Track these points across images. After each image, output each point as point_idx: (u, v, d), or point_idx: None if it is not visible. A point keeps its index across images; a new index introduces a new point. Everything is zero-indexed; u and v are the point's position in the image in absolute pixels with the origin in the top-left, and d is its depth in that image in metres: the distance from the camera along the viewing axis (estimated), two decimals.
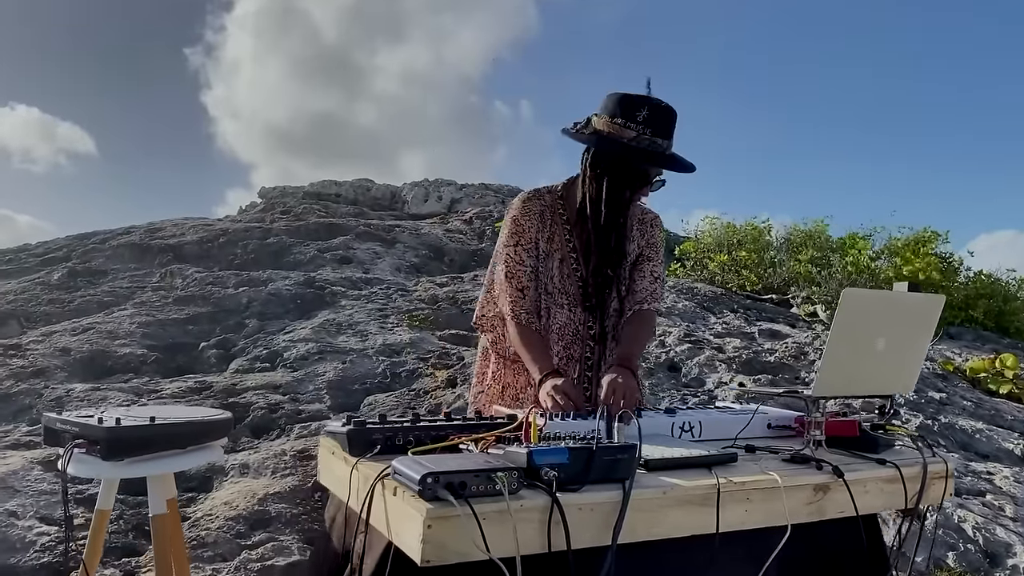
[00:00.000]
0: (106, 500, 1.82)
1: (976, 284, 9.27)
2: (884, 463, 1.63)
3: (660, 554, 1.38)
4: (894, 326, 1.55)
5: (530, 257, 2.04)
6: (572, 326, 2.06)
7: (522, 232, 2.05)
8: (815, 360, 5.95)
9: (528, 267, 2.04)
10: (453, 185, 13.97)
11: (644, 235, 2.16)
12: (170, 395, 4.49)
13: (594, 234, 2.01)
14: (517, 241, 2.05)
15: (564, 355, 2.05)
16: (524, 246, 2.04)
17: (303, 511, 3.19)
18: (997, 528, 3.19)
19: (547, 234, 2.06)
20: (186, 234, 9.19)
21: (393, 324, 6.16)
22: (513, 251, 2.04)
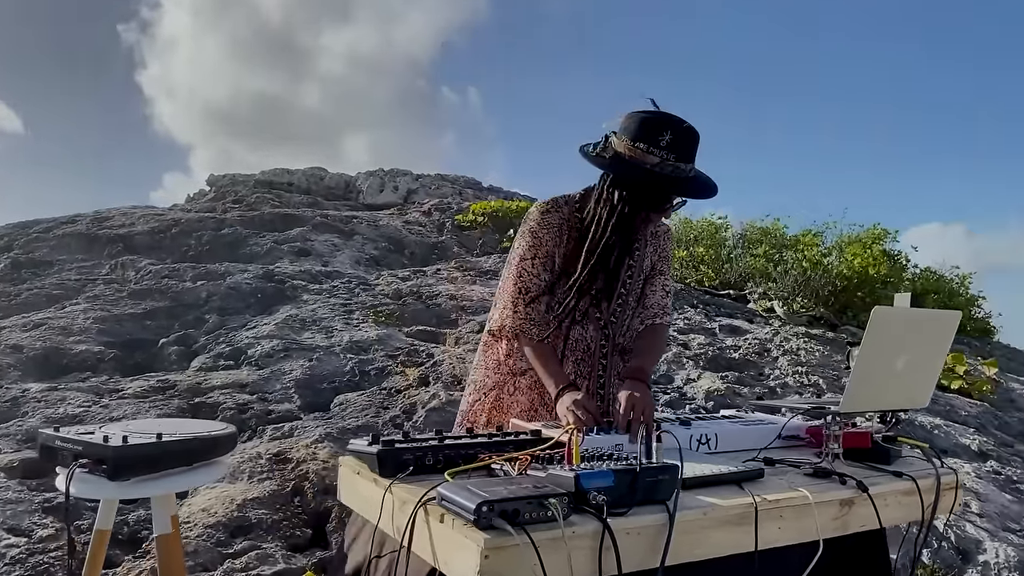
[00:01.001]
0: (106, 520, 1.74)
1: (922, 280, 9.58)
2: (900, 475, 1.66)
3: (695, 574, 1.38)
4: (915, 342, 1.57)
5: (546, 271, 2.01)
6: (584, 341, 2.04)
7: (540, 245, 2.01)
8: (777, 356, 6.07)
9: (544, 281, 2.00)
10: (409, 175, 13.84)
11: (658, 249, 2.16)
12: (132, 395, 4.35)
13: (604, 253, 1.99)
14: (535, 254, 2.01)
15: (575, 370, 2.03)
16: (541, 259, 2.01)
17: (284, 517, 3.12)
18: (967, 525, 3.29)
19: (564, 249, 2.02)
20: (136, 224, 8.90)
21: (358, 320, 6.07)
22: (530, 264, 2.01)
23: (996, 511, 3.66)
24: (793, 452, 1.83)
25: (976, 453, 4.57)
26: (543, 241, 2.01)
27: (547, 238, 2.01)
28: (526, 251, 2.02)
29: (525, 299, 1.99)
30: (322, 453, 3.59)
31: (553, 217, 2.03)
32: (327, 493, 3.30)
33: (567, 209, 2.05)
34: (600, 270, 2.01)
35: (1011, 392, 6.49)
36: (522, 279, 2.00)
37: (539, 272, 2.00)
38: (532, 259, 2.01)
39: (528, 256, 2.01)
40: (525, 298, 1.99)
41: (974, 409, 5.53)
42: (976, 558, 3.14)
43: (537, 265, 2.00)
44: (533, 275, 2.00)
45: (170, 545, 1.73)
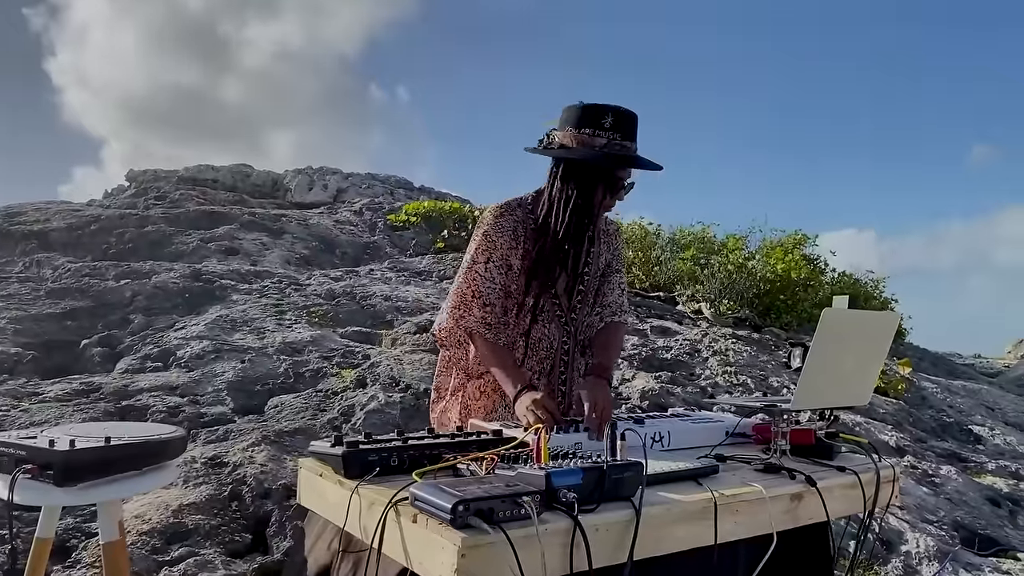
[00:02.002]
0: (47, 528, 1.67)
1: (840, 284, 9.98)
2: (844, 470, 1.73)
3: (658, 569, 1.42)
4: (859, 342, 1.65)
5: (500, 274, 2.02)
6: (546, 340, 2.06)
7: (494, 248, 2.02)
8: (708, 356, 6.24)
9: (498, 284, 2.01)
10: (339, 174, 13.64)
11: (611, 247, 2.20)
12: (54, 398, 4.16)
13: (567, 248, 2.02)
14: (488, 257, 2.01)
15: (538, 369, 2.05)
16: (495, 263, 2.01)
17: (222, 522, 3.04)
18: (889, 517, 3.46)
19: (520, 251, 2.03)
20: (51, 220, 8.52)
21: (291, 321, 5.96)
22: (484, 267, 2.01)
23: (915, 504, 3.85)
24: (741, 449, 1.89)
25: (894, 449, 4.80)
26: (497, 244, 2.02)
27: (501, 241, 2.02)
28: (479, 255, 2.03)
29: (479, 302, 2.00)
30: (260, 456, 3.51)
31: (507, 220, 2.04)
32: (266, 497, 3.23)
33: (520, 212, 2.07)
34: (561, 267, 2.04)
35: (923, 390, 6.83)
36: (475, 282, 2.01)
37: (493, 276, 2.01)
38: (486, 263, 2.01)
39: (481, 260, 2.02)
40: (479, 301, 2.00)
41: (890, 407, 5.80)
42: (899, 548, 3.30)
43: (491, 269, 2.01)
44: (487, 279, 2.01)
45: (117, 553, 1.67)
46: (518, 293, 2.03)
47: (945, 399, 6.87)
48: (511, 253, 2.03)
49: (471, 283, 2.02)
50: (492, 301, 2.01)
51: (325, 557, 1.48)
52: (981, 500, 4.24)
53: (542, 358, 2.07)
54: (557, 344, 2.07)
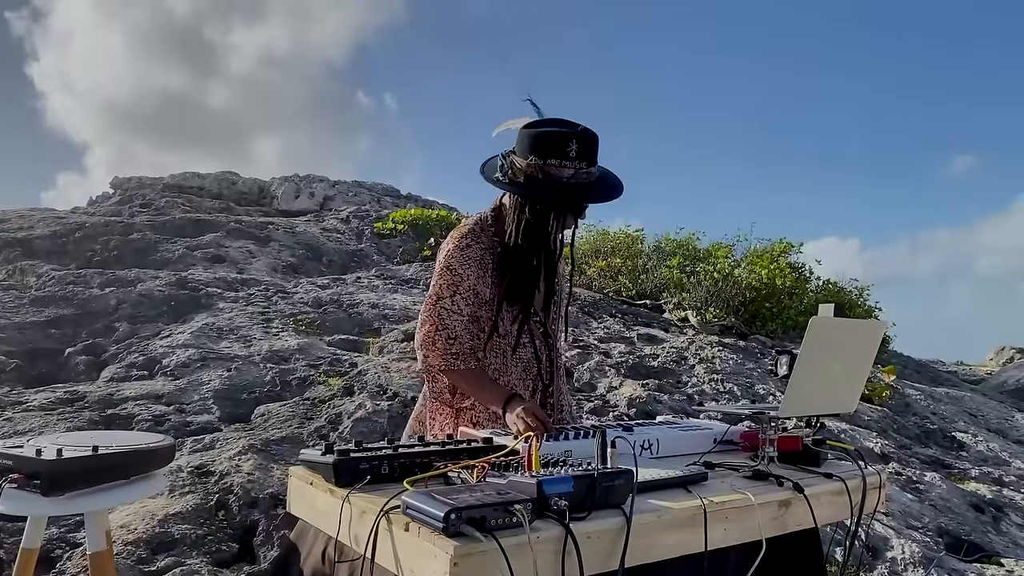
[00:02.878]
0: (34, 538, 1.66)
1: (825, 292, 10.05)
2: (831, 477, 1.75)
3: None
4: (846, 350, 1.67)
5: (468, 305, 1.98)
6: (534, 359, 2.07)
7: (460, 282, 1.97)
8: (694, 364, 6.26)
9: (465, 315, 1.98)
10: (325, 182, 13.62)
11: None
12: (38, 407, 4.13)
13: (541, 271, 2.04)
14: (454, 292, 1.97)
15: (530, 389, 2.06)
16: (463, 294, 1.98)
17: (208, 531, 3.02)
18: (875, 523, 3.48)
19: (488, 279, 2.00)
20: (35, 227, 8.45)
21: (278, 328, 5.93)
22: (450, 302, 1.97)
23: (900, 510, 3.88)
24: (729, 456, 1.91)
25: (879, 455, 4.83)
26: (464, 276, 1.97)
27: (468, 273, 1.98)
28: (443, 290, 1.98)
29: (443, 335, 1.97)
30: (246, 465, 3.50)
31: (474, 251, 1.99)
32: (253, 506, 3.21)
33: (485, 237, 2.03)
34: (536, 287, 2.05)
35: (907, 397, 6.89)
36: (440, 318, 1.97)
37: (460, 308, 1.97)
38: (451, 297, 1.97)
39: (446, 295, 1.97)
40: (442, 335, 1.97)
41: (875, 414, 5.84)
42: (884, 554, 3.32)
43: (458, 302, 1.97)
44: (453, 312, 1.97)
45: (104, 562, 1.66)
46: (490, 318, 2.00)
47: (929, 406, 6.93)
48: (479, 283, 1.99)
49: (435, 319, 1.98)
50: (458, 333, 1.98)
51: (317, 568, 1.47)
52: (965, 506, 4.27)
53: (533, 378, 2.08)
54: (543, 359, 2.09)
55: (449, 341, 1.97)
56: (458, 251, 1.98)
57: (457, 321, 1.97)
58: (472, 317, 2.00)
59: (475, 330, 2.02)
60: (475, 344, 2.02)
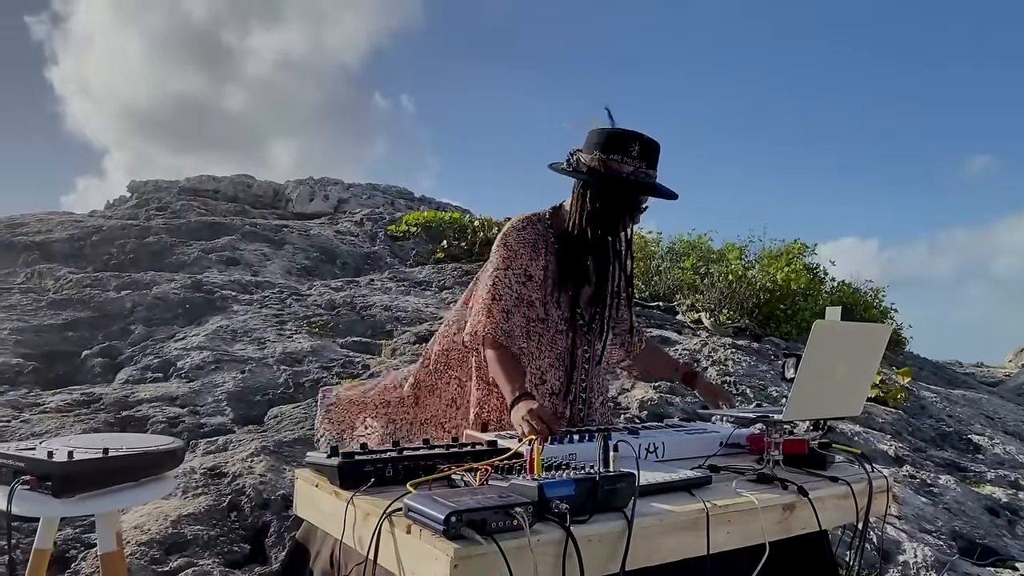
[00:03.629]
0: (46, 539, 1.68)
1: (840, 293, 9.99)
2: (836, 480, 1.75)
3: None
4: (851, 353, 1.67)
5: (519, 283, 2.08)
6: (569, 352, 2.11)
7: (514, 258, 2.09)
8: (707, 366, 6.24)
9: (515, 293, 2.07)
10: (340, 184, 13.69)
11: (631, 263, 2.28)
12: (55, 409, 4.18)
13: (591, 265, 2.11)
14: (508, 266, 2.08)
15: (564, 379, 2.10)
16: (515, 271, 2.08)
17: (221, 533, 3.05)
18: (887, 527, 3.46)
19: (541, 263, 2.10)
20: (54, 231, 8.55)
21: (291, 331, 5.97)
22: (503, 274, 2.08)
23: (913, 513, 3.85)
24: (735, 459, 1.91)
25: (893, 458, 4.80)
26: (519, 255, 2.09)
27: (523, 252, 2.09)
28: (500, 263, 2.09)
29: (498, 306, 2.05)
30: (259, 467, 3.52)
31: (529, 234, 2.11)
32: (265, 507, 3.24)
33: (541, 226, 2.14)
34: (585, 280, 2.09)
35: (922, 400, 6.83)
36: (496, 288, 2.07)
37: (512, 283, 2.07)
38: (506, 270, 2.08)
39: (503, 267, 2.08)
40: (497, 305, 2.05)
41: (889, 416, 5.80)
42: (896, 558, 3.30)
43: (511, 276, 2.07)
44: (507, 285, 2.07)
45: (115, 563, 1.68)
46: (540, 304, 2.09)
47: (945, 408, 6.87)
48: (531, 264, 2.09)
49: (491, 290, 2.08)
50: (509, 308, 2.07)
51: (326, 569, 1.49)
52: (980, 510, 4.24)
53: (567, 369, 2.12)
54: (579, 353, 2.12)
55: (503, 313, 2.05)
56: (514, 231, 2.12)
57: (509, 296, 2.07)
58: (523, 298, 2.09)
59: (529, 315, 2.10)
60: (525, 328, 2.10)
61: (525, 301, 2.09)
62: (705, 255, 9.99)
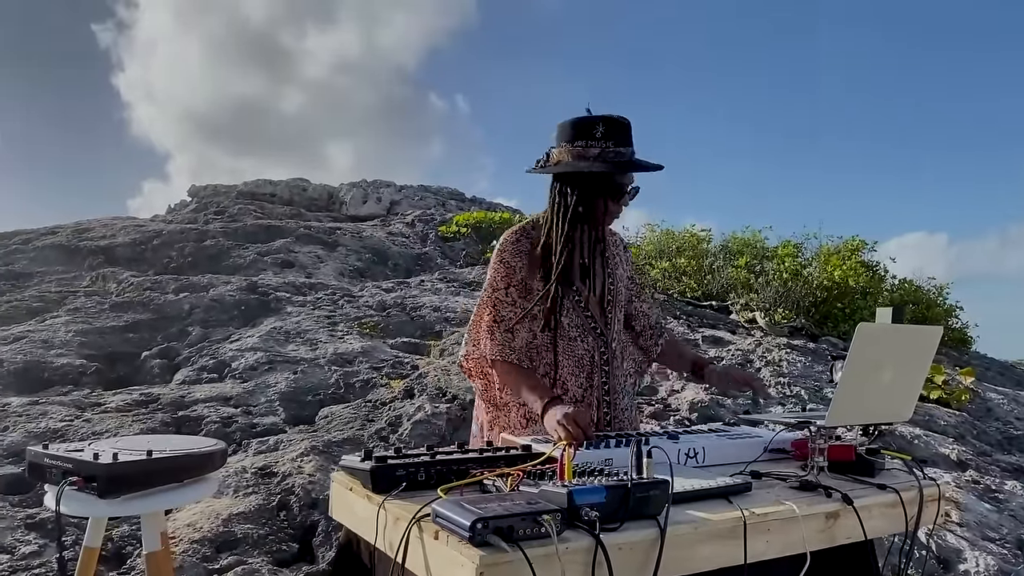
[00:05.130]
0: (94, 538, 1.73)
1: (901, 291, 9.69)
2: (884, 488, 1.69)
3: None
4: (898, 357, 1.60)
5: (521, 298, 2.01)
6: (588, 356, 2.06)
7: (512, 273, 2.02)
8: (760, 367, 6.12)
9: (519, 308, 2.01)
10: (392, 186, 13.83)
11: (628, 263, 2.23)
12: (115, 408, 4.31)
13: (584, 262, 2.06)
14: (508, 283, 2.02)
15: (586, 385, 2.05)
16: (515, 287, 2.01)
17: (270, 531, 3.11)
18: (947, 534, 3.34)
19: (538, 273, 2.03)
20: (117, 235, 8.84)
21: (343, 332, 6.06)
22: (504, 293, 2.01)
23: (976, 520, 3.71)
24: (779, 465, 1.85)
25: (955, 463, 4.63)
26: (515, 269, 2.02)
27: (519, 265, 2.02)
28: (499, 281, 2.03)
29: (499, 327, 1.99)
30: (308, 467, 3.58)
31: (523, 244, 2.05)
32: (313, 507, 3.29)
33: (535, 233, 2.07)
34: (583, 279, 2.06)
35: (988, 401, 6.58)
36: (496, 308, 2.01)
37: (514, 300, 2.01)
38: (505, 288, 2.01)
39: (501, 286, 2.02)
40: (499, 327, 1.99)
41: (953, 419, 5.60)
42: (957, 567, 3.18)
43: (512, 293, 2.01)
44: (508, 303, 2.01)
45: (160, 562, 1.73)
46: (544, 314, 2.01)
47: (1012, 410, 6.60)
48: (529, 276, 2.02)
49: (491, 309, 2.02)
50: (512, 326, 2.00)
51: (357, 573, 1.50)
52: None
53: (588, 374, 2.07)
54: (597, 356, 2.07)
55: (506, 333, 2.00)
56: (509, 244, 2.05)
57: (511, 313, 2.01)
58: (527, 313, 2.02)
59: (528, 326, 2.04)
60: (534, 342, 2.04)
61: (530, 315, 2.02)
62: (759, 253, 9.80)
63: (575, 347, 2.04)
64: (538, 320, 2.02)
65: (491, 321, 2.01)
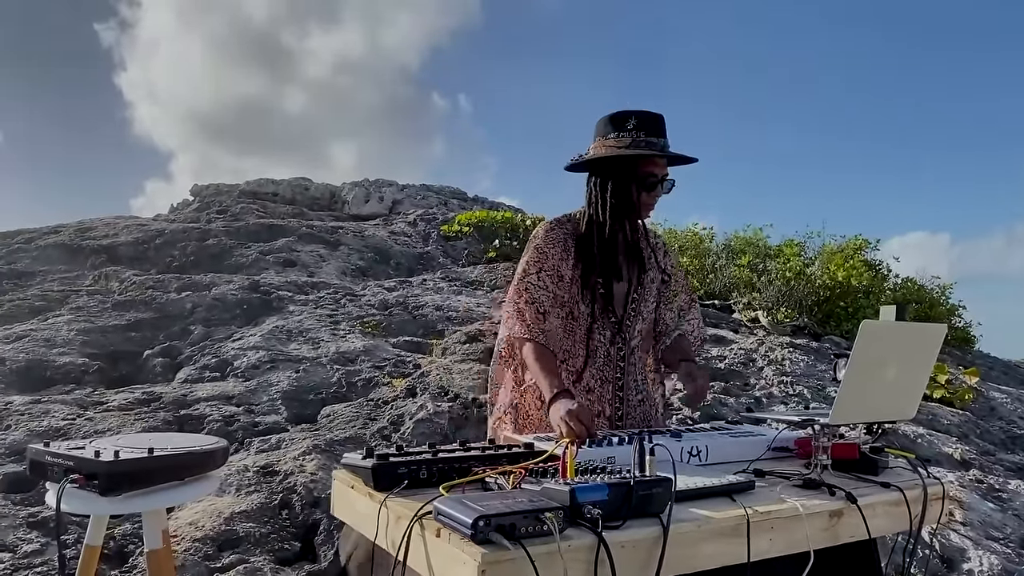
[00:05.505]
0: (96, 536, 1.73)
1: (903, 290, 9.67)
2: (888, 486, 1.68)
3: None
4: (902, 354, 1.60)
5: (552, 283, 2.07)
6: (604, 347, 2.09)
7: (545, 259, 2.08)
8: (763, 366, 6.11)
9: (551, 292, 2.06)
10: (394, 186, 13.83)
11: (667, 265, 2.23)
12: (117, 407, 4.31)
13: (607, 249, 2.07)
14: (540, 268, 2.07)
15: (598, 376, 2.08)
16: (547, 272, 2.07)
17: (272, 530, 3.10)
18: (951, 534, 3.33)
19: (571, 262, 2.09)
20: (119, 234, 8.84)
21: (345, 331, 6.05)
22: (536, 277, 2.07)
23: (979, 520, 3.70)
24: (782, 463, 1.85)
25: (959, 462, 4.62)
26: (548, 255, 2.07)
27: (552, 252, 2.08)
28: (531, 265, 2.08)
29: (531, 309, 2.04)
30: (310, 465, 3.58)
31: (557, 233, 2.11)
32: (315, 506, 3.28)
33: (570, 225, 2.13)
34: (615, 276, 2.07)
35: (992, 401, 6.56)
36: (528, 291, 2.06)
37: (546, 284, 2.06)
38: (537, 273, 2.07)
39: (533, 271, 2.07)
40: (531, 308, 2.04)
41: (956, 418, 5.58)
42: (961, 567, 3.17)
43: (543, 278, 2.06)
44: (540, 287, 2.05)
45: (161, 560, 1.72)
46: (572, 303, 2.07)
47: (1016, 410, 6.58)
48: (562, 264, 2.08)
49: (523, 292, 2.07)
50: (545, 308, 2.05)
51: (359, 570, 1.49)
52: None
53: (601, 366, 2.10)
54: (612, 351, 2.10)
55: (538, 315, 2.03)
56: (544, 232, 2.12)
57: (543, 296, 2.05)
58: (557, 298, 2.08)
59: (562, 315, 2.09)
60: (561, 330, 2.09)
61: (559, 301, 2.07)
62: (762, 252, 9.79)
63: (593, 337, 2.07)
64: (565, 307, 2.07)
65: (523, 303, 2.05)
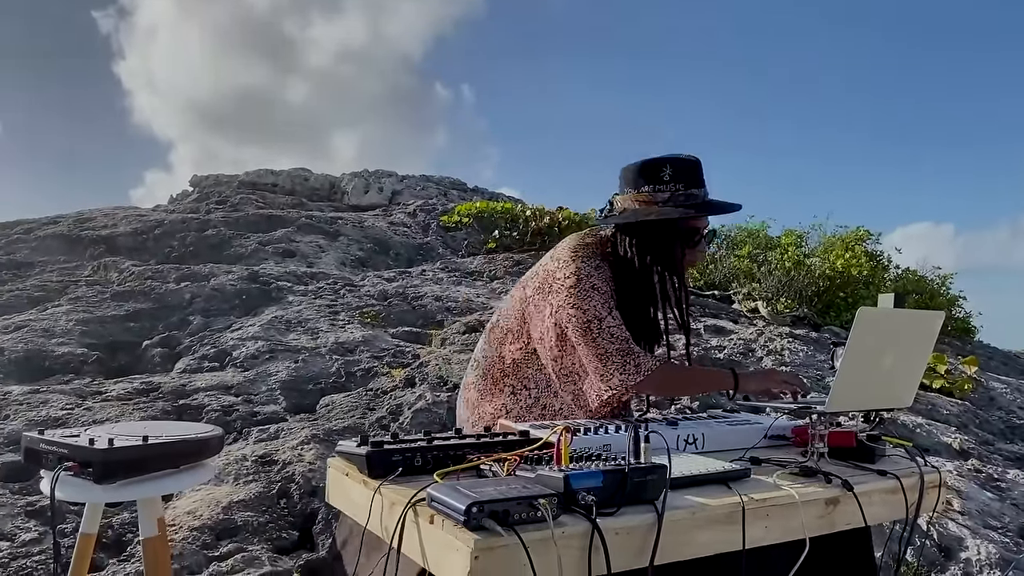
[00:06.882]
0: (91, 524, 1.73)
1: (904, 280, 9.66)
2: (885, 474, 1.68)
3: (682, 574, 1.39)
4: (900, 342, 1.59)
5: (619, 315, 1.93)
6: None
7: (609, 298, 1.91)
8: (762, 356, 6.11)
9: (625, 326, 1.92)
10: (394, 176, 13.81)
11: None
12: (116, 397, 4.31)
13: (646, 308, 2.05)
14: (610, 308, 1.89)
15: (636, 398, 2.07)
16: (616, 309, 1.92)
17: (270, 519, 3.11)
18: (949, 523, 3.33)
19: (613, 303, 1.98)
20: (119, 225, 8.83)
21: (344, 321, 6.05)
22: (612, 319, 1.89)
23: (977, 509, 3.70)
24: (779, 451, 1.85)
25: (957, 451, 4.62)
26: (609, 294, 1.92)
27: (609, 290, 1.92)
28: (601, 309, 1.89)
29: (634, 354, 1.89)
30: (308, 455, 3.58)
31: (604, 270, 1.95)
32: (313, 495, 3.29)
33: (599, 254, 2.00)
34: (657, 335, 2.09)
35: (991, 391, 6.56)
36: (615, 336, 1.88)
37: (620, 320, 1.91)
38: (610, 313, 1.89)
39: (605, 313, 1.89)
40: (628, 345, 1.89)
41: (955, 408, 5.59)
42: (958, 555, 3.17)
43: (616, 316, 1.90)
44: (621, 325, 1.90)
45: (156, 548, 1.72)
46: None
47: (1015, 400, 6.59)
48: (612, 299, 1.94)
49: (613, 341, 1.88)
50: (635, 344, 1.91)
51: (353, 557, 1.49)
52: None
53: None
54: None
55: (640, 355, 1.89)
56: (592, 269, 1.92)
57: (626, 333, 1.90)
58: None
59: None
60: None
61: None
62: (762, 243, 9.78)
63: None
64: None
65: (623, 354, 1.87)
